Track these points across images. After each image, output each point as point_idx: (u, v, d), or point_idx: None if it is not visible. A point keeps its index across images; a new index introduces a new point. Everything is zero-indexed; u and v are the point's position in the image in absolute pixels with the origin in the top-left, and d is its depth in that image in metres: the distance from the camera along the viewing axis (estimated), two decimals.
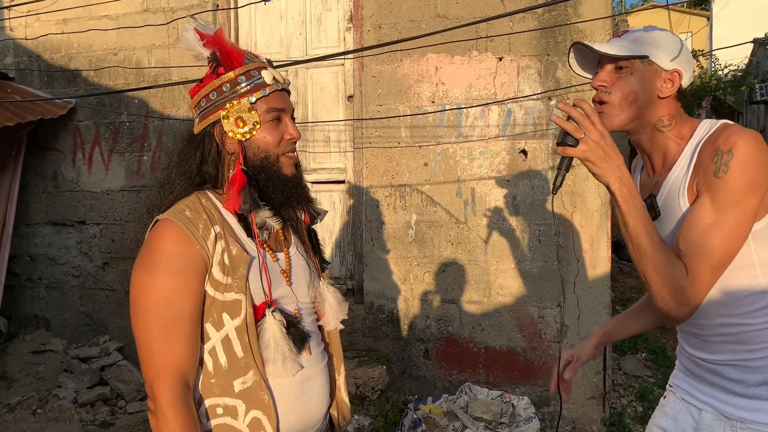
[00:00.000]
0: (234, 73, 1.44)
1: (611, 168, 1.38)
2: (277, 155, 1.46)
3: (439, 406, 3.94)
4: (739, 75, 14.74)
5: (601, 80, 1.52)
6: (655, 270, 1.38)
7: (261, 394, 1.39)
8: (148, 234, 1.41)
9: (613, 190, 1.39)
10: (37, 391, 4.65)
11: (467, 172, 4.17)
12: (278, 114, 1.46)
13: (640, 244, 1.39)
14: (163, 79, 4.81)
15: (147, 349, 1.33)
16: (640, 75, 1.49)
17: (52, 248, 5.23)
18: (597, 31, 3.89)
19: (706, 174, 1.40)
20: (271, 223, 1.47)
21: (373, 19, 4.29)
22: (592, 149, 1.37)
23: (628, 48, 1.50)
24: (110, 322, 5.06)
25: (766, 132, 13.84)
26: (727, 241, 1.37)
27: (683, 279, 1.37)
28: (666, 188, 1.54)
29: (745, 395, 1.51)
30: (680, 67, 1.50)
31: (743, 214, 1.37)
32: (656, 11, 21.25)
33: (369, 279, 4.38)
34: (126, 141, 4.98)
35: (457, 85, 4.16)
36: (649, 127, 1.54)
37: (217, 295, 1.38)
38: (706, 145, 1.44)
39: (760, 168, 1.37)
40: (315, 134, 4.66)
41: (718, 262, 1.37)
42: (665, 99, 1.51)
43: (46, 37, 5.10)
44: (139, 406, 4.39)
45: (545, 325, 4.05)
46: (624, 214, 1.40)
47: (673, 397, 1.74)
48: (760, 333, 1.48)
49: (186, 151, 1.50)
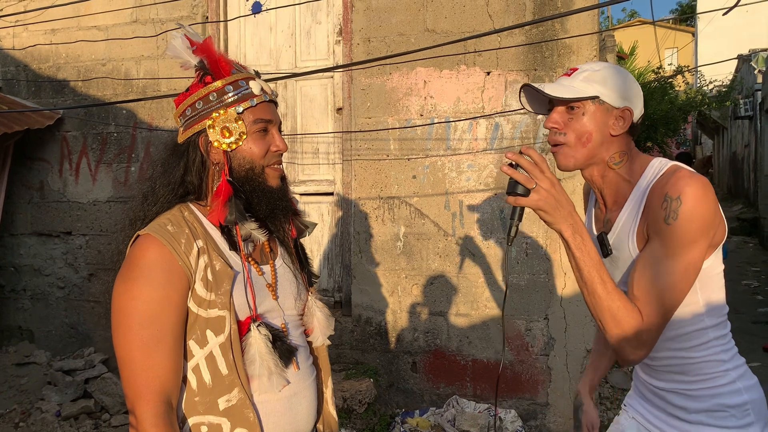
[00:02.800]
0: (222, 83, 1.43)
1: (563, 215, 1.40)
2: (263, 167, 1.44)
3: (426, 420, 3.93)
4: (724, 90, 14.92)
5: (553, 122, 1.54)
6: (611, 315, 1.41)
7: (246, 411, 1.36)
8: (129, 249, 1.39)
9: (566, 238, 1.42)
10: (20, 403, 4.59)
11: (455, 184, 4.19)
12: (265, 125, 1.45)
13: (595, 291, 1.42)
14: (152, 90, 4.81)
15: (128, 367, 1.30)
16: (592, 115, 1.51)
17: (38, 259, 5.19)
18: (584, 46, 3.94)
19: (656, 220, 1.43)
20: (257, 235, 1.44)
21: (363, 32, 4.32)
22: (544, 198, 1.38)
23: (577, 89, 1.51)
24: (95, 334, 5.01)
25: (750, 147, 14.02)
26: (677, 288, 1.41)
27: (638, 324, 1.40)
28: (617, 228, 1.57)
29: (687, 420, 1.59)
30: (630, 104, 1.52)
31: (692, 259, 1.41)
32: (642, 27, 21.53)
33: (357, 291, 4.38)
34: (114, 152, 4.96)
35: (446, 98, 4.19)
36: (601, 164, 1.56)
37: (200, 311, 1.36)
38: (655, 189, 1.47)
39: (707, 215, 1.41)
40: (304, 146, 4.66)
41: (669, 307, 1.42)
42: (617, 136, 1.53)
43: (34, 47, 5.08)
44: (123, 419, 4.34)
45: (532, 338, 4.06)
46: (578, 261, 1.42)
47: (625, 415, 1.82)
48: (701, 365, 1.56)
49: (169, 160, 1.47)
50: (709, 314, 1.54)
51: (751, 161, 13.87)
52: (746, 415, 1.55)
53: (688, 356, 1.56)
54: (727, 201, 16.92)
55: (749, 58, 13.85)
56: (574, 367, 4.00)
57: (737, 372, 1.57)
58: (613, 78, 1.53)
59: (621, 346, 1.42)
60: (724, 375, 1.56)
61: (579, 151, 1.53)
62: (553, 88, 1.53)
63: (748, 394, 1.56)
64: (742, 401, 1.55)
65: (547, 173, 1.39)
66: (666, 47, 23.92)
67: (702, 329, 1.54)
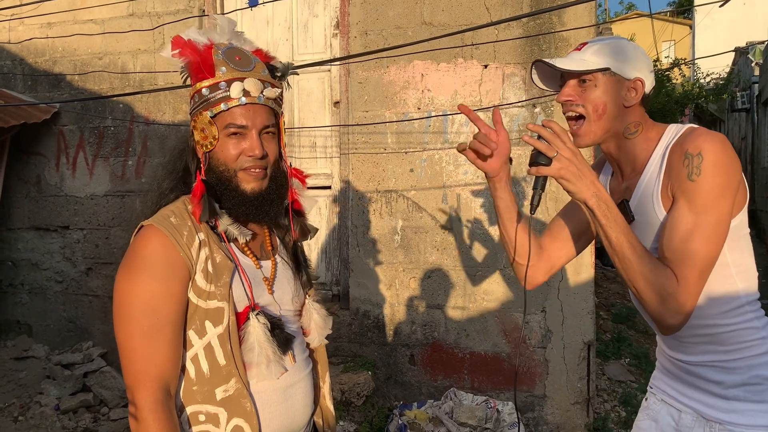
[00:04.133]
0: (200, 85, 1.43)
1: (586, 184, 1.40)
2: (235, 170, 1.43)
3: (424, 412, 3.94)
4: (721, 83, 14.94)
5: (566, 95, 1.54)
6: (645, 279, 1.38)
7: (243, 401, 1.39)
8: (132, 240, 1.41)
9: (590, 206, 1.41)
10: (19, 397, 4.59)
11: (453, 178, 4.19)
12: (237, 130, 1.43)
13: (626, 256, 1.40)
14: (149, 84, 4.80)
15: (129, 355, 1.33)
16: (604, 87, 1.51)
17: (35, 253, 5.18)
18: (581, 39, 3.93)
19: (679, 178, 1.42)
20: (233, 231, 1.44)
21: (360, 25, 4.31)
22: (566, 167, 1.39)
23: (588, 61, 1.52)
24: (93, 328, 5.01)
25: (748, 140, 14.03)
26: (710, 245, 1.38)
27: (673, 286, 1.37)
28: (639, 193, 1.55)
29: (723, 396, 1.53)
30: (642, 75, 1.53)
31: (721, 215, 1.39)
32: (640, 20, 21.48)
33: (355, 285, 4.39)
34: (110, 146, 4.95)
35: (443, 92, 4.19)
36: (618, 136, 1.56)
37: (200, 302, 1.38)
38: (675, 148, 1.46)
39: (729, 169, 1.40)
40: (301, 140, 4.66)
41: (704, 266, 1.39)
42: (631, 107, 1.53)
43: (31, 41, 5.06)
44: (122, 413, 4.35)
45: (529, 331, 4.08)
46: (605, 228, 1.41)
47: (653, 399, 1.75)
48: (736, 333, 1.50)
49: (176, 151, 1.53)
50: (740, 277, 1.50)
51: (748, 154, 13.90)
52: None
53: (720, 323, 1.50)
54: None
55: (746, 51, 13.85)
56: (571, 360, 4.01)
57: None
58: (623, 50, 1.53)
59: (659, 311, 1.38)
60: (761, 344, 1.50)
61: (596, 125, 1.53)
62: (564, 62, 1.53)
63: None
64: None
65: (568, 143, 1.40)
66: (663, 40, 23.88)
67: (734, 293, 1.49)
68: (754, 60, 13.49)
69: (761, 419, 1.48)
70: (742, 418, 1.49)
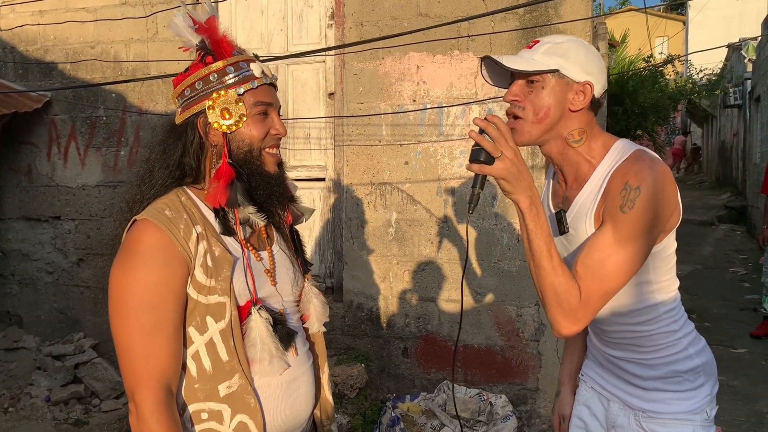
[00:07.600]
0: (223, 63, 1.40)
1: (523, 187, 1.40)
2: (260, 150, 1.42)
3: (417, 405, 3.95)
4: (714, 79, 14.97)
5: (513, 95, 1.52)
6: (553, 289, 1.42)
7: (247, 397, 1.36)
8: (125, 235, 1.37)
9: (522, 208, 1.42)
10: (9, 389, 4.56)
11: (448, 171, 4.18)
12: (265, 108, 1.42)
13: (542, 264, 1.42)
14: (142, 73, 4.75)
15: (127, 353, 1.28)
16: (551, 89, 1.48)
17: (26, 244, 5.14)
18: (577, 32, 3.92)
19: (612, 205, 1.43)
20: (255, 218, 1.43)
21: (355, 16, 4.28)
22: (508, 167, 1.37)
23: (537, 61, 1.48)
24: (85, 319, 4.98)
25: (739, 136, 14.09)
26: (621, 274, 1.42)
27: (576, 302, 1.41)
28: (575, 208, 1.56)
29: (643, 387, 1.64)
30: (591, 79, 1.49)
31: (640, 248, 1.43)
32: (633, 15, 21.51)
33: (348, 277, 4.37)
34: (103, 136, 4.91)
35: (439, 84, 4.17)
36: (559, 140, 1.54)
37: (200, 298, 1.34)
38: (617, 174, 1.46)
39: (664, 205, 1.43)
40: (295, 131, 4.63)
41: (610, 290, 1.43)
42: (577, 112, 1.51)
43: (22, 29, 5.00)
44: (113, 405, 4.32)
45: (523, 324, 4.08)
46: (530, 233, 1.42)
47: (584, 386, 1.86)
48: (655, 337, 1.61)
49: (167, 142, 1.45)
50: (660, 291, 1.58)
51: (740, 150, 13.96)
52: (698, 377, 1.62)
53: (640, 329, 1.61)
54: (715, 189, 17.03)
55: (739, 47, 13.87)
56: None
57: (688, 339, 1.63)
58: (575, 51, 1.49)
59: (557, 319, 1.43)
60: (676, 344, 1.61)
61: (534, 127, 1.50)
62: (513, 60, 1.50)
63: (699, 358, 1.62)
64: (694, 365, 1.61)
65: (511, 143, 1.39)
66: (657, 35, 23.93)
67: (653, 305, 1.58)
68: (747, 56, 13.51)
69: (677, 407, 1.61)
70: (662, 406, 1.62)
